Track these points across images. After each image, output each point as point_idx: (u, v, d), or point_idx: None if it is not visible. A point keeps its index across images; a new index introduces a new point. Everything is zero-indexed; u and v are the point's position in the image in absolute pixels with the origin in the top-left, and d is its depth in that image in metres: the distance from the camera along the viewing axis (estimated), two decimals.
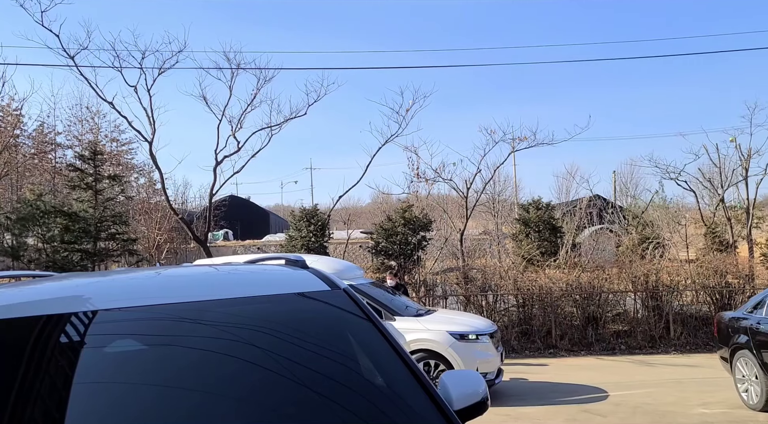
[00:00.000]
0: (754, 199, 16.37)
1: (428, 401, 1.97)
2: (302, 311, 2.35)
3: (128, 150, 24.63)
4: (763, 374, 6.46)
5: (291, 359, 2.07)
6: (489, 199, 22.46)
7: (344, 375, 2.07)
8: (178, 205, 21.59)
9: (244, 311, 2.24)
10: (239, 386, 1.94)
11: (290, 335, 2.18)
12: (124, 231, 13.63)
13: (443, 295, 12.21)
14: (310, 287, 2.40)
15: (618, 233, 20.55)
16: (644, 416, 6.60)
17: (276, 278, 2.63)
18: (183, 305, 2.19)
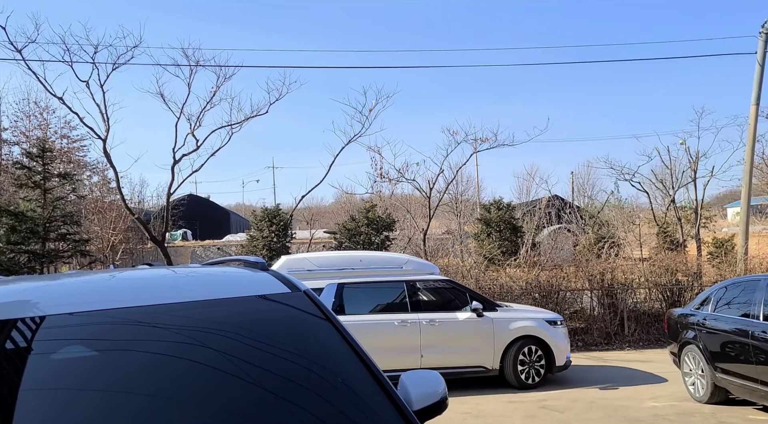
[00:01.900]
0: (702, 200, 17.08)
1: (387, 402, 1.99)
2: (261, 314, 2.33)
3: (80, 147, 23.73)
4: (708, 367, 6.75)
5: (249, 362, 2.06)
6: (452, 199, 22.72)
7: (304, 377, 2.06)
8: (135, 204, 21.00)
9: (200, 315, 2.21)
10: (195, 391, 1.92)
11: (249, 338, 2.16)
12: (76, 231, 13.18)
13: None
14: (269, 289, 2.39)
15: (575, 233, 21.10)
16: (599, 411, 6.80)
17: (234, 280, 2.60)
18: (137, 308, 2.14)
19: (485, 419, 6.69)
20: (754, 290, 6.48)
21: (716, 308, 6.96)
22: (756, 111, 14.16)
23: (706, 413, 6.48)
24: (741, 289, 6.78)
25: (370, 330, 7.76)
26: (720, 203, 45.64)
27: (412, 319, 8.03)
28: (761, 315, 6.14)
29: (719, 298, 7.04)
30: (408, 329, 7.92)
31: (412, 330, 7.93)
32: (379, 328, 7.87)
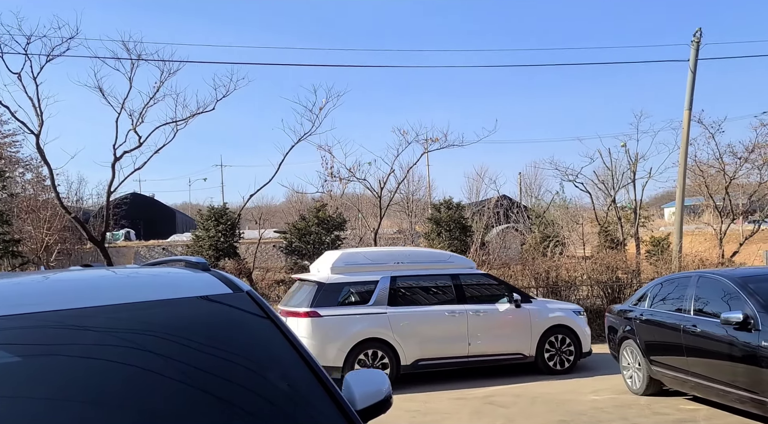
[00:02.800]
0: (641, 200, 17.87)
1: (330, 402, 1.97)
2: (202, 315, 2.28)
3: (11, 143, 22.46)
4: (644, 361, 7.07)
5: (189, 365, 2.01)
6: (403, 198, 22.88)
7: (245, 379, 2.02)
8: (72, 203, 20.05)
9: (138, 317, 2.13)
10: (130, 397, 1.84)
11: (188, 340, 2.10)
12: (7, 231, 12.49)
13: None
14: (211, 290, 2.33)
15: (523, 232, 21.66)
16: (543, 405, 7.00)
17: (175, 281, 2.53)
18: (69, 311, 2.04)
19: (433, 417, 6.77)
20: (686, 286, 6.82)
21: (652, 304, 7.29)
22: (689, 116, 14.93)
23: (642, 405, 6.77)
24: (674, 285, 7.12)
25: (423, 320, 8.34)
26: (658, 203, 47.88)
27: (459, 309, 8.52)
28: (692, 310, 6.47)
29: (655, 294, 7.37)
30: (456, 319, 8.43)
31: (460, 320, 8.44)
32: (430, 317, 8.39)
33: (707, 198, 19.35)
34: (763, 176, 18.03)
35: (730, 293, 6.01)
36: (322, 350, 7.83)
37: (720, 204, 17.92)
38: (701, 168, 17.86)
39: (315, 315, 8.01)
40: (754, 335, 5.41)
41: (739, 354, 5.58)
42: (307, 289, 8.52)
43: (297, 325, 7.97)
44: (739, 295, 5.85)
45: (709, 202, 20.15)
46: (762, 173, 17.92)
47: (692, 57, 14.69)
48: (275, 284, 12.02)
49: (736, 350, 5.61)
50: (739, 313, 5.59)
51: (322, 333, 7.97)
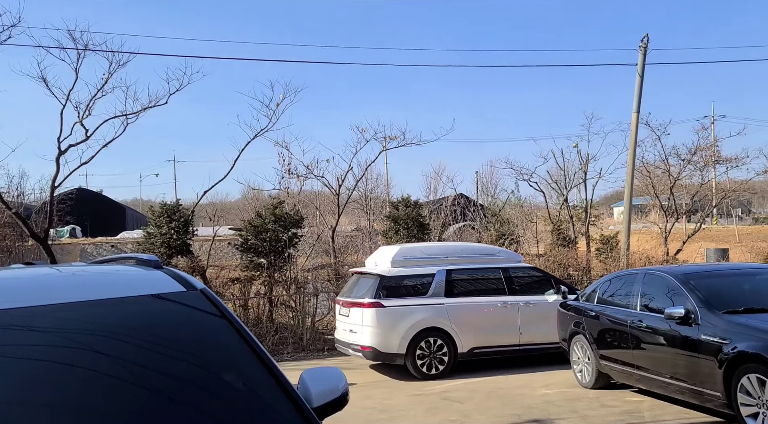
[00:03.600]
0: (591, 200, 18.45)
1: (285, 400, 1.97)
2: (155, 314, 2.22)
3: None
4: (593, 355, 7.31)
5: (140, 365, 1.95)
6: (362, 196, 22.86)
7: (198, 378, 1.99)
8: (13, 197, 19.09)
9: (85, 316, 2.06)
10: (78, 399, 1.78)
11: (140, 340, 2.05)
12: None
13: (314, 292, 12.20)
14: (163, 288, 2.28)
15: (479, 230, 22.03)
16: (497, 400, 7.14)
17: (125, 279, 2.46)
18: (10, 311, 1.96)
19: (390, 413, 6.81)
20: (632, 282, 7.09)
21: (601, 300, 7.55)
22: (637, 118, 15.52)
23: (591, 398, 7.01)
24: (622, 282, 7.39)
25: (477, 310, 8.86)
26: (607, 203, 49.57)
27: (511, 301, 9.06)
28: (638, 305, 6.73)
29: (604, 290, 7.63)
30: (508, 310, 8.95)
31: (512, 311, 8.96)
32: (484, 308, 8.91)
33: (654, 198, 20.14)
34: (704, 178, 18.93)
35: (673, 289, 6.28)
36: (385, 339, 8.43)
37: (665, 204, 18.70)
38: (648, 169, 18.58)
39: (379, 306, 8.51)
40: (694, 329, 5.68)
41: (680, 347, 5.84)
42: (369, 281, 9.01)
43: (361, 315, 8.60)
44: (681, 291, 6.12)
45: (655, 202, 20.98)
46: (703, 175, 18.80)
47: (640, 61, 15.27)
48: (230, 282, 11.83)
49: (677, 344, 5.88)
50: (681, 308, 5.85)
51: (385, 322, 8.46)
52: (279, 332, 11.38)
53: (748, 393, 5.05)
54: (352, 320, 8.90)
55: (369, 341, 8.51)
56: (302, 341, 11.34)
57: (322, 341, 11.57)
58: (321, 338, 11.69)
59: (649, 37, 15.11)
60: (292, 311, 12.02)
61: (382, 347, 8.48)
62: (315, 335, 11.63)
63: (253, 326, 11.24)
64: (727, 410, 5.34)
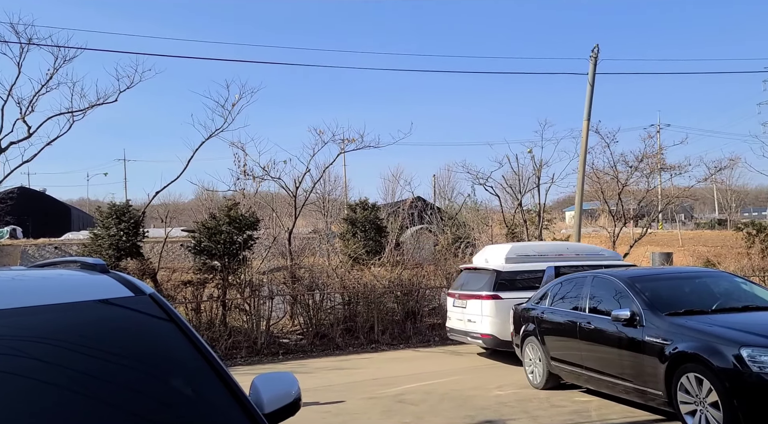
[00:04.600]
0: (544, 204, 18.93)
1: (236, 406, 1.94)
2: (100, 320, 2.14)
3: None
4: (544, 356, 7.50)
5: (87, 374, 1.88)
6: (319, 198, 22.73)
7: (146, 385, 1.93)
8: None
9: (26, 323, 1.97)
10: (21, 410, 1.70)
11: (86, 347, 1.97)
12: None
13: (269, 295, 12.04)
14: (110, 293, 2.20)
15: (436, 233, 22.24)
16: (451, 402, 7.23)
17: (68, 283, 2.36)
18: None
19: (344, 417, 6.78)
20: (582, 285, 7.32)
21: (552, 302, 7.74)
22: (587, 126, 16.04)
23: (542, 398, 7.18)
24: (573, 284, 7.60)
25: None
26: (560, 207, 50.99)
27: None
28: (587, 308, 6.95)
29: (555, 293, 7.83)
30: None
31: None
32: None
33: (603, 203, 20.84)
34: (650, 184, 19.73)
35: (620, 292, 6.51)
36: (503, 327, 9.06)
37: (614, 209, 19.38)
38: (598, 175, 19.21)
39: (497, 298, 9.39)
40: (639, 331, 5.90)
41: (626, 348, 6.06)
42: (484, 276, 9.90)
43: (481, 306, 9.51)
44: (627, 294, 6.36)
45: (604, 207, 21.72)
46: (649, 181, 19.60)
47: (590, 71, 15.79)
48: (182, 285, 11.53)
49: (623, 345, 6.10)
50: (627, 310, 6.07)
51: (504, 313, 9.07)
52: (232, 336, 11.17)
53: (687, 392, 5.28)
54: (470, 311, 9.79)
55: (489, 329, 9.38)
56: (256, 345, 11.17)
57: (277, 345, 11.44)
58: (276, 342, 11.55)
59: (599, 48, 15.66)
60: (246, 314, 11.82)
61: (501, 334, 9.20)
62: (270, 339, 11.48)
63: (206, 330, 10.99)
64: (668, 409, 5.57)
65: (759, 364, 4.77)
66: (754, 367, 4.77)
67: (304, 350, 11.44)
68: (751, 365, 4.78)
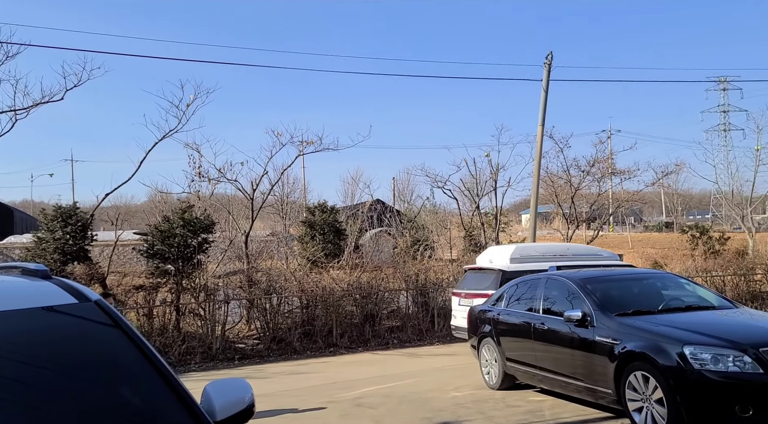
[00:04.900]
0: (501, 207, 19.33)
1: (185, 414, 1.90)
2: (43, 328, 2.07)
3: None
4: (500, 357, 7.62)
5: (30, 384, 1.81)
6: (277, 200, 22.48)
7: (94, 394, 1.87)
8: None
9: None
10: None
11: (29, 356, 1.91)
12: None
13: (225, 299, 11.80)
14: (53, 300, 2.13)
15: (395, 236, 22.35)
16: (409, 404, 7.25)
17: (8, 291, 2.26)
18: None
19: (302, 421, 6.71)
20: (536, 287, 7.46)
21: (508, 304, 7.87)
22: (542, 131, 16.44)
23: (497, 399, 7.29)
24: (528, 286, 7.75)
25: None
26: (516, 210, 52.10)
27: None
28: (541, 309, 7.10)
29: (511, 295, 7.95)
30: None
31: None
32: None
33: (557, 206, 21.42)
34: (601, 188, 20.41)
35: (572, 293, 6.68)
36: None
37: (567, 212, 19.93)
38: (552, 179, 19.73)
39: None
40: (590, 331, 6.07)
41: (578, 348, 6.22)
42: (489, 276, 10.18)
43: None
44: (579, 295, 6.52)
45: (558, 210, 22.31)
46: (601, 185, 20.27)
47: (544, 77, 16.20)
48: (133, 289, 11.17)
49: (575, 345, 6.25)
50: (578, 311, 6.23)
51: None
52: (186, 342, 10.90)
53: (634, 389, 5.46)
54: None
55: None
56: (211, 351, 10.94)
57: (233, 350, 11.23)
58: (232, 347, 11.33)
59: (552, 55, 16.08)
60: (200, 319, 11.56)
61: None
62: (225, 344, 11.26)
63: (159, 335, 10.68)
64: (617, 406, 5.75)
65: (700, 361, 4.98)
66: (696, 364, 4.98)
67: (261, 355, 11.27)
68: (693, 362, 4.99)
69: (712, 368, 4.93)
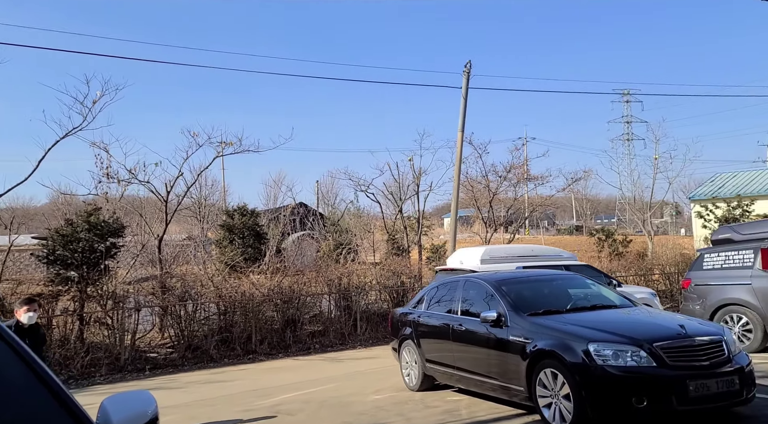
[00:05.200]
0: (423, 211, 19.66)
1: None
2: None
3: None
4: (420, 359, 7.71)
5: None
6: (194, 203, 21.62)
7: None
8: None
9: None
10: None
11: None
12: None
13: (136, 307, 11.16)
14: None
15: (318, 239, 22.15)
16: (329, 409, 7.16)
17: None
18: None
19: None
20: (455, 289, 7.62)
21: (429, 306, 7.98)
22: (461, 137, 16.90)
23: (417, 400, 7.37)
24: (447, 288, 7.89)
25: None
26: (439, 214, 53.27)
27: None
28: (459, 311, 7.25)
29: (431, 297, 8.08)
30: None
31: None
32: None
33: (477, 210, 22.09)
34: (517, 193, 21.29)
35: (489, 295, 6.87)
36: None
37: (486, 216, 20.62)
38: (472, 184, 20.35)
39: None
40: (504, 331, 6.27)
41: (493, 348, 6.40)
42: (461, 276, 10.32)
43: None
44: (495, 296, 6.72)
45: (478, 214, 23.02)
46: (517, 190, 21.14)
47: (464, 85, 16.67)
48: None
49: (491, 345, 6.43)
50: (494, 312, 6.42)
51: None
52: (91, 353, 10.19)
53: (544, 386, 5.69)
54: None
55: None
56: (119, 362, 10.30)
57: (144, 360, 10.65)
58: (143, 357, 10.74)
59: (471, 64, 16.59)
60: (108, 328, 10.85)
61: None
62: (135, 354, 10.65)
63: (59, 347, 9.91)
64: (529, 403, 5.96)
65: (603, 357, 5.27)
66: (599, 360, 5.26)
67: (175, 364, 10.75)
68: (597, 358, 5.27)
69: (613, 363, 5.23)
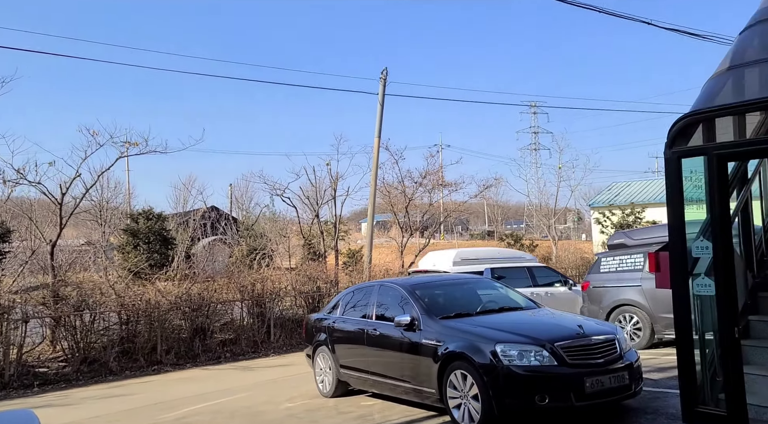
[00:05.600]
0: (340, 216, 19.60)
1: None
2: None
3: None
4: (334, 365, 7.63)
5: None
6: (95, 206, 20.21)
7: None
8: None
9: None
10: None
11: None
12: None
13: (24, 318, 10.19)
14: None
15: (231, 244, 21.44)
16: (240, 419, 6.91)
17: None
18: None
19: None
20: (370, 294, 7.63)
21: (344, 312, 7.92)
22: (378, 143, 17.06)
23: (330, 407, 7.28)
24: (362, 293, 7.88)
25: None
26: (356, 219, 53.45)
27: (537, 291, 11.47)
28: (374, 315, 7.26)
29: (347, 302, 8.02)
30: (536, 298, 9.75)
31: (538, 299, 9.82)
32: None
33: (393, 215, 22.36)
34: (432, 198, 21.78)
35: (403, 299, 6.93)
36: None
37: (402, 221, 20.90)
38: (388, 189, 20.57)
39: None
40: (418, 334, 6.35)
41: (407, 352, 6.46)
42: None
43: None
44: (408, 300, 6.80)
45: (395, 219, 23.31)
46: (432, 196, 21.63)
47: (380, 91, 16.86)
48: None
49: (405, 348, 6.49)
50: (407, 316, 6.48)
51: None
52: None
53: (454, 387, 5.81)
54: None
55: None
56: (3, 378, 9.38)
57: (32, 376, 9.76)
58: (30, 372, 9.85)
59: (388, 71, 16.80)
60: None
61: None
62: (22, 370, 9.74)
63: None
64: (440, 405, 6.07)
65: (508, 357, 5.47)
66: (505, 360, 5.46)
67: (68, 378, 9.94)
68: (503, 358, 5.47)
69: (518, 363, 5.44)
